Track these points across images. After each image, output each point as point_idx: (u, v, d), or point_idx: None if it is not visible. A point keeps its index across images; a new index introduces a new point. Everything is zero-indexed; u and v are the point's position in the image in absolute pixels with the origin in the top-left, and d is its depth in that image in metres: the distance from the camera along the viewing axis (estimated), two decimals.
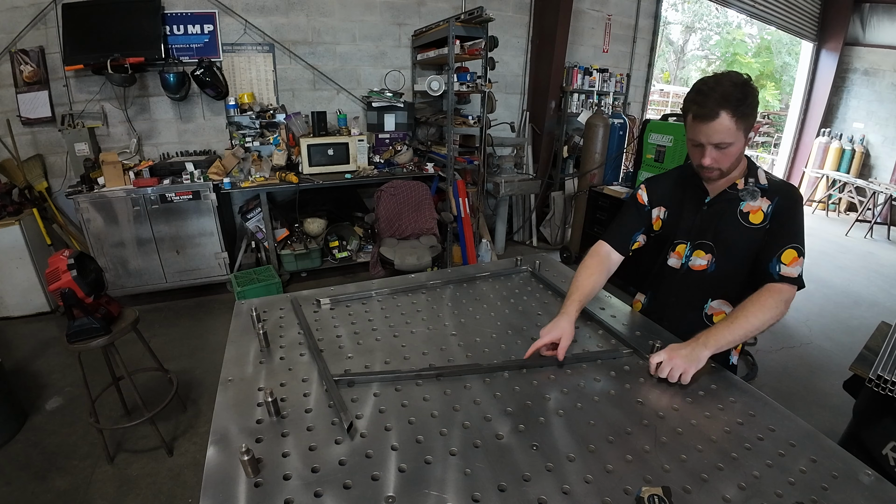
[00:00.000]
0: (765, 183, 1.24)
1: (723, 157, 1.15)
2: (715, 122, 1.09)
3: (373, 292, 1.52)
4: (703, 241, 1.30)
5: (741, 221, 1.24)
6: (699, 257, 1.32)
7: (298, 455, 0.85)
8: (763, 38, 14.14)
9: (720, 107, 1.08)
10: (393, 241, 3.61)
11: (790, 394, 2.72)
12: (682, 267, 1.36)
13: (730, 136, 1.11)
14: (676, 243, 1.36)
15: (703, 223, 1.30)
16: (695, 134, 1.15)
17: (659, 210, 1.37)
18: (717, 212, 1.27)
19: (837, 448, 0.91)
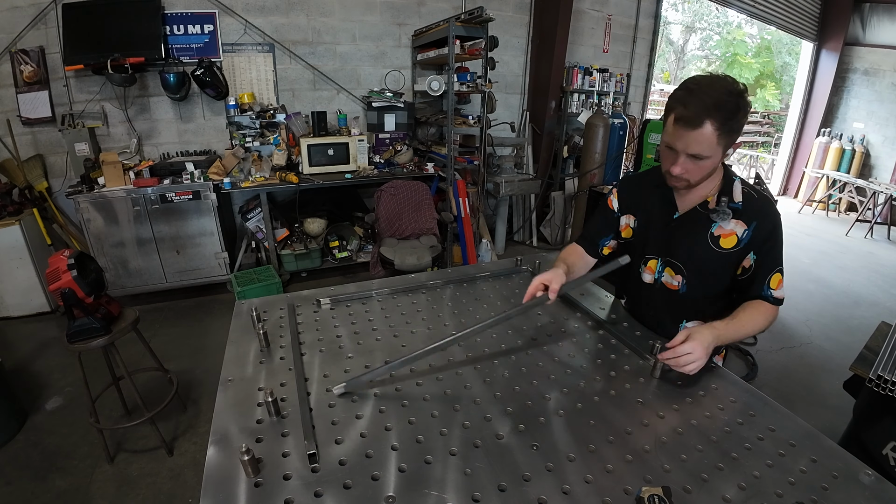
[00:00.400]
0: (739, 200, 1.15)
1: (695, 170, 1.07)
2: (697, 130, 1.00)
3: (373, 292, 1.52)
4: (673, 259, 1.25)
5: (712, 245, 1.18)
6: (670, 275, 1.27)
7: (298, 455, 0.85)
8: (763, 38, 14.14)
9: (707, 115, 0.98)
10: (393, 241, 3.61)
11: (790, 394, 2.72)
12: (655, 282, 1.31)
13: (708, 150, 1.03)
14: (648, 258, 1.31)
15: (671, 240, 1.24)
16: (672, 138, 1.06)
17: (629, 218, 1.33)
18: (686, 231, 1.21)
19: (837, 448, 0.91)
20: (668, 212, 1.23)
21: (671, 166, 1.09)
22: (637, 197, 1.31)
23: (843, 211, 7.10)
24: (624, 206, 1.34)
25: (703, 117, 0.98)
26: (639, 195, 1.31)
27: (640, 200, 1.30)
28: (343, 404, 1.00)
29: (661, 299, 1.31)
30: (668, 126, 1.06)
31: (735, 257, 1.18)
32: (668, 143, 1.08)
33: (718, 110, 0.98)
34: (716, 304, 1.27)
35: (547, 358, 1.20)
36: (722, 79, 1.02)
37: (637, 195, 1.31)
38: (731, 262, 1.18)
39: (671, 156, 1.09)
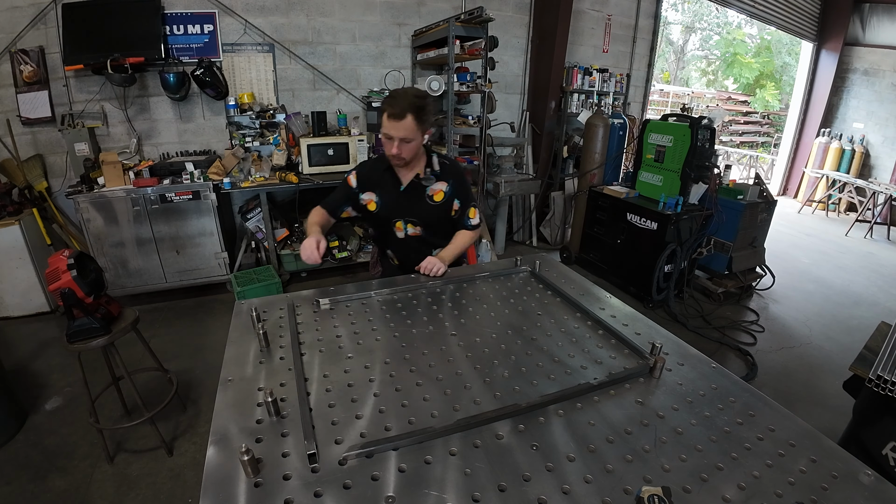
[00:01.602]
0: (438, 168, 1.74)
1: (406, 149, 1.58)
2: (403, 121, 1.51)
3: (372, 293, 1.52)
4: (410, 217, 1.76)
5: (429, 202, 1.75)
6: (412, 227, 1.78)
7: (298, 455, 0.85)
8: (763, 39, 14.14)
9: (408, 111, 1.50)
10: None
11: (790, 394, 2.72)
12: (406, 236, 1.80)
13: (412, 134, 1.55)
14: (395, 221, 1.78)
15: (405, 205, 1.74)
16: (388, 129, 1.54)
17: (370, 195, 1.76)
18: (411, 197, 1.74)
19: (837, 448, 0.91)
20: (396, 186, 1.74)
21: (391, 150, 1.58)
22: (373, 178, 1.76)
23: (842, 211, 7.10)
24: (363, 185, 1.76)
25: (406, 112, 1.51)
26: (374, 177, 1.75)
27: (376, 181, 1.75)
28: (343, 404, 1.00)
29: (414, 245, 1.81)
30: (384, 122, 1.54)
31: (447, 206, 1.78)
32: (387, 134, 1.55)
33: (413, 107, 1.51)
34: (448, 237, 1.82)
35: (547, 358, 1.20)
36: (412, 88, 1.64)
37: (373, 177, 1.76)
38: (446, 209, 1.78)
39: (390, 143, 1.57)
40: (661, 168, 3.72)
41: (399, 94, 1.54)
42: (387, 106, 1.52)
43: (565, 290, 1.53)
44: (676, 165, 3.59)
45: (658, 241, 3.55)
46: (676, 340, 1.30)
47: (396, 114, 1.50)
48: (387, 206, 1.76)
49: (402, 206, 1.75)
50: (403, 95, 1.53)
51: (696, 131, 3.42)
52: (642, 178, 3.91)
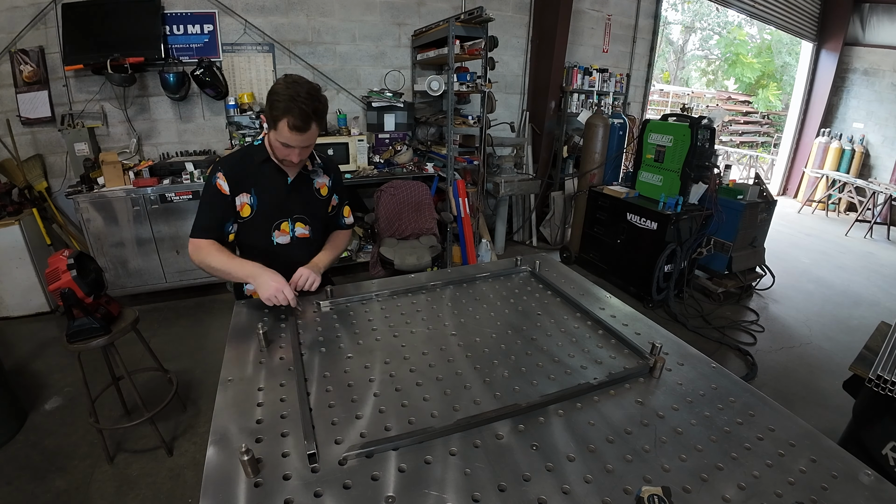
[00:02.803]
0: (320, 161, 1.61)
1: (305, 153, 1.44)
2: (309, 132, 1.34)
3: (373, 293, 1.52)
4: (299, 215, 1.58)
5: (317, 196, 1.62)
6: (302, 227, 1.60)
7: (298, 455, 0.85)
8: (763, 39, 14.15)
9: (313, 120, 1.32)
10: (393, 241, 3.61)
11: (790, 394, 2.72)
12: (292, 239, 1.59)
13: (315, 139, 1.41)
14: (279, 222, 1.55)
15: (291, 201, 1.55)
16: (289, 139, 1.33)
17: (244, 197, 1.48)
18: (300, 191, 1.57)
19: (837, 448, 0.91)
20: (281, 180, 1.52)
21: (291, 157, 1.40)
22: (247, 177, 1.48)
23: (842, 211, 7.10)
24: (234, 187, 1.46)
25: (310, 121, 1.32)
26: (248, 175, 1.48)
27: (252, 180, 1.48)
28: (343, 404, 1.00)
29: (298, 249, 1.59)
30: (282, 130, 1.32)
31: (328, 200, 1.66)
32: (287, 142, 1.35)
33: (318, 114, 1.34)
34: (325, 236, 1.71)
35: (547, 358, 1.20)
36: (313, 88, 1.33)
37: (246, 176, 1.48)
38: (327, 204, 1.66)
39: (290, 150, 1.38)
40: (661, 168, 3.72)
41: (298, 97, 1.28)
42: (288, 115, 1.28)
43: (565, 290, 1.53)
44: (676, 165, 3.59)
45: (658, 241, 3.55)
46: (676, 340, 1.30)
47: (300, 126, 1.30)
48: (268, 204, 1.51)
49: (292, 203, 1.55)
50: (305, 100, 1.29)
51: (695, 131, 3.42)
52: (642, 178, 3.91)
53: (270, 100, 1.31)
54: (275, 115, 1.30)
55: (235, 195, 1.46)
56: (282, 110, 1.28)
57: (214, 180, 1.44)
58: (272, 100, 1.30)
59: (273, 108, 1.30)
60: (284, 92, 1.28)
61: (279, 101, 1.28)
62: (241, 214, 1.48)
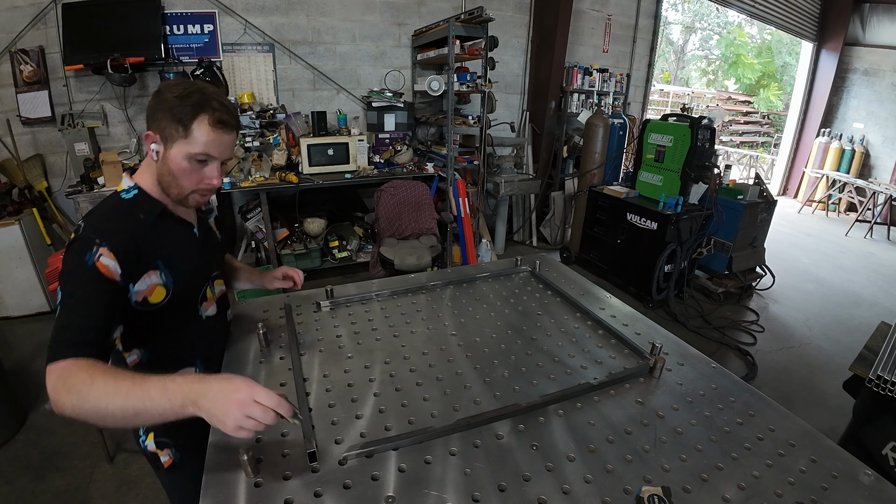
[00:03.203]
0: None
1: (224, 171, 1.13)
2: (234, 131, 0.99)
3: (373, 293, 1.52)
4: (214, 271, 1.19)
5: (216, 238, 1.24)
6: (219, 285, 1.22)
7: (298, 455, 0.85)
8: (763, 39, 14.15)
9: (237, 117, 1.00)
10: (393, 241, 3.61)
11: (790, 394, 2.72)
12: (217, 305, 1.18)
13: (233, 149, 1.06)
14: (204, 289, 1.12)
15: (206, 257, 1.14)
16: (211, 145, 0.94)
17: (153, 276, 0.95)
18: (208, 239, 1.16)
19: (837, 448, 0.91)
20: (187, 233, 1.08)
21: (211, 179, 0.99)
22: (147, 246, 0.95)
23: (842, 211, 7.10)
24: (132, 267, 0.91)
25: (235, 115, 0.99)
26: (145, 242, 0.94)
27: (154, 247, 0.96)
28: (343, 404, 1.00)
29: (221, 313, 1.22)
30: (199, 135, 0.92)
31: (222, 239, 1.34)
32: (206, 153, 0.94)
33: (234, 112, 1.00)
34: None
35: (547, 358, 1.20)
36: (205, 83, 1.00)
37: (143, 244, 0.94)
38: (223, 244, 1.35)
39: (208, 168, 0.98)
40: (661, 168, 3.72)
41: (203, 88, 0.94)
42: (205, 110, 0.92)
43: (565, 290, 1.53)
44: (676, 165, 3.59)
45: (658, 241, 3.55)
46: (676, 340, 1.30)
47: (226, 121, 0.94)
48: (188, 274, 1.04)
49: (206, 261, 1.14)
50: (214, 90, 0.97)
51: (696, 131, 3.42)
52: (642, 177, 3.91)
53: (168, 103, 0.91)
54: (182, 115, 0.90)
55: (133, 279, 0.92)
56: (194, 105, 0.90)
57: (91, 260, 0.85)
58: (170, 102, 0.91)
59: (177, 109, 0.90)
60: (185, 88, 0.92)
61: (185, 98, 0.91)
62: (149, 301, 0.96)
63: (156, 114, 0.93)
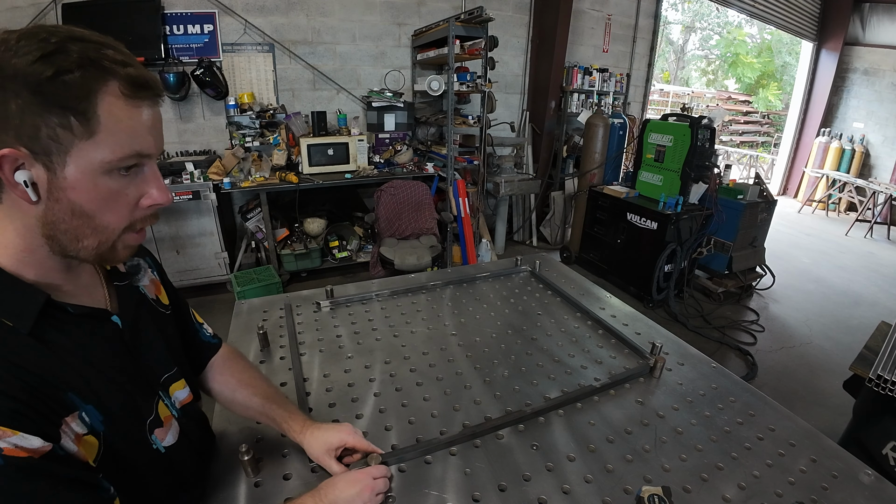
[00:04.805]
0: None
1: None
2: (160, 97, 0.58)
3: (373, 293, 1.52)
4: (168, 371, 0.75)
5: (160, 311, 0.79)
6: (179, 390, 0.78)
7: (298, 455, 0.85)
8: (763, 39, 14.15)
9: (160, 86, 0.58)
10: (393, 241, 3.61)
11: (790, 394, 2.72)
12: (181, 421, 0.75)
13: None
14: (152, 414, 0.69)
15: (147, 353, 0.71)
16: (140, 136, 0.55)
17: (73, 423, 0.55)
18: (141, 326, 0.71)
19: (837, 448, 0.91)
20: (102, 331, 0.64)
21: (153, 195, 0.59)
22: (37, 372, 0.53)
23: (842, 211, 7.10)
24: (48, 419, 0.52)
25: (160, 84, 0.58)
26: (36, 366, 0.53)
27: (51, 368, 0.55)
28: (343, 404, 1.00)
29: (195, 432, 0.81)
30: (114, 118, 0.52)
31: (174, 310, 0.84)
32: (140, 149, 0.56)
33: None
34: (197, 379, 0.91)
35: (547, 358, 1.20)
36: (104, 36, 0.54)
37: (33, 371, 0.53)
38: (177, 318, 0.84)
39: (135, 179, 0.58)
40: (661, 168, 3.72)
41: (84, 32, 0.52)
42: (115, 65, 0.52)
43: (565, 290, 1.53)
44: (676, 165, 3.59)
45: (658, 240, 3.55)
46: (676, 340, 1.30)
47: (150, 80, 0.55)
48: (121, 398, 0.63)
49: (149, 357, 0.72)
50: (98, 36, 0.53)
51: (696, 131, 3.42)
52: (642, 177, 3.91)
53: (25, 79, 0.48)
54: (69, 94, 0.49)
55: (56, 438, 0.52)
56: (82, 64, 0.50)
57: None
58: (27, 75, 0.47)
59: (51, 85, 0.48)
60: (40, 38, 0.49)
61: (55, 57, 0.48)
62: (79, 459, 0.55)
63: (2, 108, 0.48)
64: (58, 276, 0.60)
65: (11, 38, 0.48)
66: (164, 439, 0.70)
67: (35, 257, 0.57)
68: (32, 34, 0.49)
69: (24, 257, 0.56)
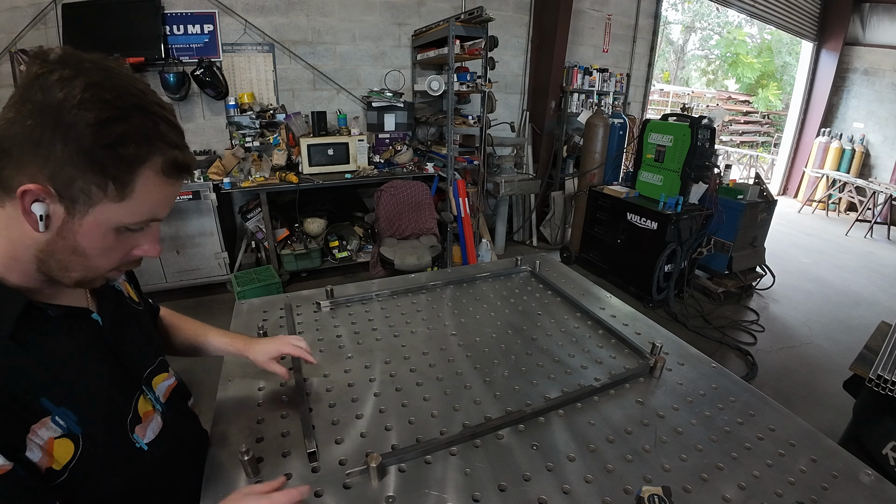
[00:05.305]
0: None
1: None
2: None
3: (373, 293, 1.52)
4: (149, 366, 0.79)
5: (135, 308, 0.82)
6: (163, 381, 0.82)
7: (298, 455, 0.85)
8: (763, 39, 14.15)
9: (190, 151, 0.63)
10: (393, 241, 3.61)
11: (790, 394, 2.72)
12: (165, 415, 0.77)
13: None
14: (135, 405, 0.71)
15: (129, 348, 0.74)
16: (160, 207, 0.60)
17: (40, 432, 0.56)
18: (115, 322, 0.73)
19: (837, 448, 0.91)
20: (81, 328, 0.66)
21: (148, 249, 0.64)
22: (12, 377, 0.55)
23: (842, 211, 7.10)
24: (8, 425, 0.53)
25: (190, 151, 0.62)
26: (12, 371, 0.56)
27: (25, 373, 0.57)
28: (343, 404, 1.00)
29: (181, 422, 0.84)
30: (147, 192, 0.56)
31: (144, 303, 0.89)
32: (155, 216, 0.61)
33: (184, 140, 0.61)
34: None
35: (547, 358, 1.20)
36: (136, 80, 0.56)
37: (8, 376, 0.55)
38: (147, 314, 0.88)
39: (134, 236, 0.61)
40: (661, 168, 3.72)
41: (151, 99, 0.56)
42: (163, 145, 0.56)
43: (565, 290, 1.53)
44: (676, 165, 3.59)
45: (658, 240, 3.55)
46: (676, 340, 1.30)
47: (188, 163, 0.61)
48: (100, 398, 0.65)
49: (131, 351, 0.75)
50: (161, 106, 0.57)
51: (696, 131, 3.42)
52: (642, 177, 3.91)
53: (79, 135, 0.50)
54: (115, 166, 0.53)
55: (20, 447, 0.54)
56: (137, 141, 0.53)
57: None
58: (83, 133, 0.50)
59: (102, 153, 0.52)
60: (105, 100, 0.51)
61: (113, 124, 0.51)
62: (54, 469, 0.57)
63: (46, 147, 0.50)
64: (39, 283, 0.61)
65: (77, 86, 0.50)
66: (144, 436, 0.71)
67: (20, 266, 0.59)
68: (98, 86, 0.51)
69: (8, 264, 0.58)
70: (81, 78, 0.50)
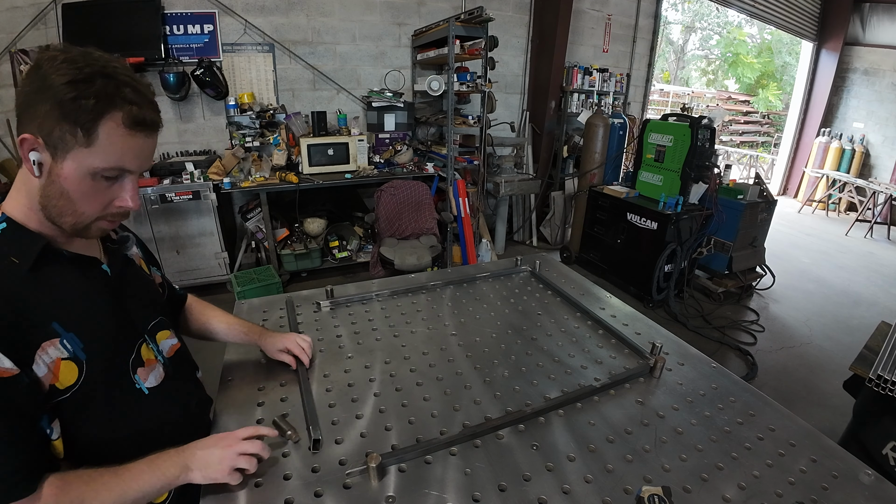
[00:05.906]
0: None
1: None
2: (155, 134, 0.73)
3: (373, 293, 1.52)
4: (154, 319, 0.88)
5: (143, 273, 0.92)
6: (168, 338, 0.91)
7: (298, 455, 0.85)
8: (763, 39, 14.15)
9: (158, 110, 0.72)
10: (393, 241, 3.61)
11: (790, 394, 2.72)
12: (167, 368, 0.86)
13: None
14: (137, 352, 0.80)
15: (134, 303, 0.84)
16: (126, 158, 0.68)
17: (49, 350, 0.67)
18: (128, 280, 0.85)
19: (837, 448, 0.91)
20: (93, 273, 0.77)
21: (126, 200, 0.72)
22: (28, 301, 0.67)
23: (842, 211, 7.10)
24: (21, 341, 0.64)
25: (158, 110, 0.72)
26: (28, 296, 0.67)
27: (40, 300, 0.68)
28: (343, 404, 1.00)
29: (182, 377, 0.93)
30: (109, 141, 0.65)
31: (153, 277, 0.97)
32: (122, 165, 0.68)
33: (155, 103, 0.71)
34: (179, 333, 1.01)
35: (547, 358, 1.20)
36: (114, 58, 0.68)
37: (25, 300, 0.66)
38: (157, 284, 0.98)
39: (121, 183, 0.71)
40: (662, 168, 3.72)
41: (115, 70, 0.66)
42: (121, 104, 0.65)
43: (565, 290, 1.53)
44: (676, 165, 3.59)
45: (658, 240, 3.55)
46: (676, 340, 1.30)
47: (151, 120, 0.70)
48: (105, 332, 0.75)
49: (136, 305, 0.84)
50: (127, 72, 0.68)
51: (696, 131, 3.42)
52: (642, 177, 3.91)
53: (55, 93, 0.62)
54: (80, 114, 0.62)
55: (28, 361, 0.65)
56: (98, 97, 0.63)
57: None
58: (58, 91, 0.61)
59: (71, 104, 0.62)
60: (80, 67, 0.63)
61: (82, 85, 0.62)
62: (58, 388, 0.68)
63: (35, 106, 0.63)
64: (54, 231, 0.72)
65: (59, 58, 0.63)
66: (146, 380, 0.81)
67: (36, 216, 0.71)
68: (73, 60, 0.64)
69: (28, 213, 0.71)
70: (64, 55, 0.64)
